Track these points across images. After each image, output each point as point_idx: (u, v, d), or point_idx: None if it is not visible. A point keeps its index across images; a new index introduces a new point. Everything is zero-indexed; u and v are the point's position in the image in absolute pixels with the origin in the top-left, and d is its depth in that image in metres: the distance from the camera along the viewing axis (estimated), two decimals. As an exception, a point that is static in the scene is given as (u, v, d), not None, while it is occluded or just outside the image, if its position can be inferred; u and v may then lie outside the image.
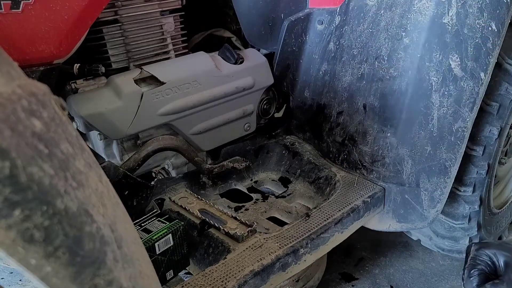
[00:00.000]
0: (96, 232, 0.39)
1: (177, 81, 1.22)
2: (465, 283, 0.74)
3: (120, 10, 1.20)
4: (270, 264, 0.96)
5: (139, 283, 0.45)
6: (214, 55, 1.35)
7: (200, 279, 0.90)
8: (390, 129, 1.19)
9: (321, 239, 1.07)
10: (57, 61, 0.97)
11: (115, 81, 1.14)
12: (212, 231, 1.06)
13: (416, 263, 1.61)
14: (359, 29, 1.25)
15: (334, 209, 1.14)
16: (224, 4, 1.58)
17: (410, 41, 1.14)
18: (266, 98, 1.50)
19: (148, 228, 1.01)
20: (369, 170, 1.26)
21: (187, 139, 1.28)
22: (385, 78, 1.19)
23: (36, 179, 0.34)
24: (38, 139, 0.35)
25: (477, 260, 0.73)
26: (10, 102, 0.33)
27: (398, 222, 1.26)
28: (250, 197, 1.35)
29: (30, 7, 0.86)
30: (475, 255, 0.74)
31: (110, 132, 1.13)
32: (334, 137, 1.34)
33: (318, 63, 1.39)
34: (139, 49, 1.28)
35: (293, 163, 1.42)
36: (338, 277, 1.56)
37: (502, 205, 1.58)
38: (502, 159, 1.52)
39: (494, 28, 1.06)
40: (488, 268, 0.73)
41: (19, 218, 0.33)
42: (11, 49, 0.86)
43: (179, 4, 1.33)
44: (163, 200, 1.21)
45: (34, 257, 0.34)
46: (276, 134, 1.52)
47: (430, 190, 1.17)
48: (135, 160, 1.13)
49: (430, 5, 1.10)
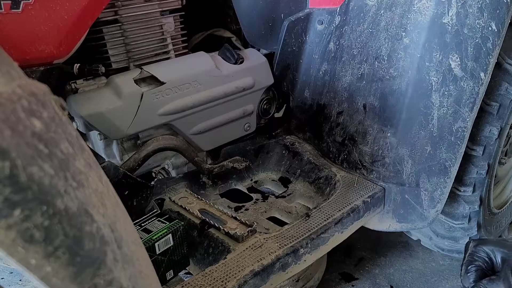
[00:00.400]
0: (96, 232, 0.39)
1: (177, 81, 1.22)
2: (462, 279, 0.75)
3: (120, 10, 1.20)
4: (270, 264, 0.96)
5: (139, 283, 0.45)
6: (214, 55, 1.35)
7: (200, 279, 0.90)
8: (390, 129, 1.19)
9: (321, 239, 1.07)
10: (57, 61, 0.97)
11: (115, 81, 1.14)
12: (212, 231, 1.06)
13: (416, 263, 1.61)
14: (359, 29, 1.25)
15: (334, 209, 1.14)
16: (224, 4, 1.58)
17: (410, 41, 1.14)
18: (266, 98, 1.50)
19: (148, 228, 1.01)
20: (369, 170, 1.26)
21: (187, 139, 1.28)
22: (385, 78, 1.19)
23: (36, 179, 0.34)
24: (38, 139, 0.35)
25: (474, 256, 0.74)
26: (10, 102, 0.33)
27: (398, 222, 1.26)
28: (250, 197, 1.35)
29: (30, 7, 0.86)
30: (473, 251, 0.75)
31: (110, 132, 1.13)
32: (334, 137, 1.34)
33: (318, 63, 1.39)
34: (139, 49, 1.28)
35: (293, 163, 1.42)
36: (338, 277, 1.56)
37: (502, 205, 1.58)
38: (502, 159, 1.52)
39: (494, 28, 1.06)
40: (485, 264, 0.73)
41: (19, 218, 0.33)
42: (11, 49, 0.86)
43: (179, 4, 1.33)
44: (163, 200, 1.21)
45: (34, 257, 0.34)
46: (276, 134, 1.52)
47: (430, 190, 1.17)
48: (135, 160, 1.13)
49: (430, 5, 1.10)
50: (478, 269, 0.73)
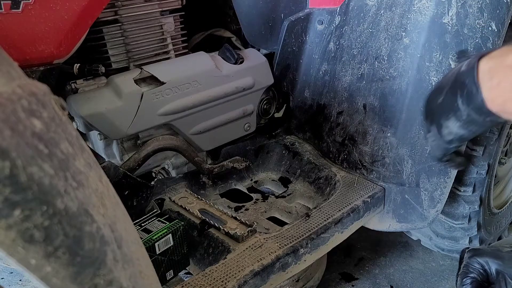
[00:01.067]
0: (96, 232, 0.39)
1: (177, 81, 1.22)
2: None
3: (120, 10, 1.20)
4: (270, 264, 0.96)
5: (139, 283, 0.45)
6: (214, 55, 1.35)
7: (200, 279, 0.90)
8: (390, 129, 1.19)
9: (321, 239, 1.07)
10: (57, 61, 0.97)
11: (115, 81, 1.14)
12: (212, 231, 1.06)
13: (416, 263, 1.61)
14: (359, 29, 1.25)
15: (334, 209, 1.14)
16: (224, 4, 1.58)
17: (410, 41, 1.14)
18: (266, 98, 1.50)
19: (148, 228, 1.01)
20: (369, 170, 1.26)
21: (187, 139, 1.28)
22: (385, 78, 1.19)
23: (36, 179, 0.34)
24: (38, 139, 0.35)
25: (469, 268, 0.74)
26: (10, 102, 0.33)
27: (398, 222, 1.26)
28: (250, 197, 1.35)
29: (30, 7, 0.86)
30: (468, 262, 0.75)
31: (110, 132, 1.13)
32: (334, 137, 1.34)
33: (318, 63, 1.39)
34: (139, 49, 1.28)
35: (293, 163, 1.42)
36: (338, 277, 1.56)
37: (502, 205, 1.58)
38: (502, 159, 1.52)
39: (494, 28, 1.06)
40: (480, 276, 0.74)
41: (19, 218, 0.33)
42: (11, 49, 0.86)
43: (179, 4, 1.33)
44: (163, 200, 1.21)
45: (34, 257, 0.34)
46: (276, 134, 1.52)
47: (430, 190, 1.17)
48: (135, 160, 1.13)
49: (430, 5, 1.10)
50: (473, 281, 0.74)
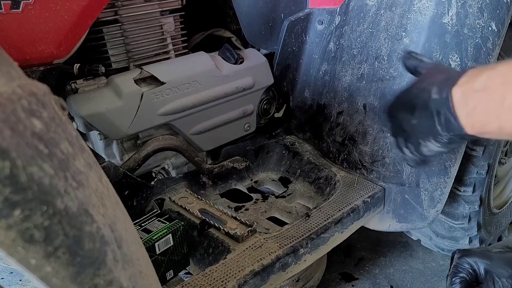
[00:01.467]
0: (96, 232, 0.39)
1: (177, 81, 1.22)
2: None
3: (120, 10, 1.20)
4: (270, 264, 0.96)
5: (139, 283, 0.45)
6: (214, 55, 1.35)
7: (200, 279, 0.90)
8: (390, 129, 1.19)
9: (321, 239, 1.07)
10: (57, 61, 0.97)
11: (115, 81, 1.14)
12: (212, 231, 1.06)
13: (416, 263, 1.61)
14: (359, 29, 1.25)
15: (334, 209, 1.14)
16: (224, 4, 1.58)
17: (410, 41, 1.14)
18: (266, 98, 1.50)
19: (148, 228, 1.01)
20: (369, 170, 1.26)
21: (187, 139, 1.28)
22: (385, 78, 1.19)
23: (36, 179, 0.34)
24: (38, 139, 0.35)
25: (459, 268, 0.75)
26: (10, 102, 0.33)
27: (398, 222, 1.26)
28: (250, 197, 1.35)
29: (30, 7, 0.86)
30: (457, 263, 0.76)
31: (110, 132, 1.13)
32: (334, 137, 1.34)
33: (318, 63, 1.39)
34: (139, 49, 1.28)
35: (293, 163, 1.42)
36: (338, 277, 1.56)
37: (502, 205, 1.58)
38: (502, 159, 1.52)
39: (494, 28, 1.06)
40: (469, 276, 0.74)
41: (19, 218, 0.33)
42: (11, 49, 0.86)
43: (179, 4, 1.33)
44: (163, 200, 1.21)
45: (34, 257, 0.34)
46: (276, 134, 1.52)
47: (430, 190, 1.17)
48: (135, 160, 1.13)
49: (430, 5, 1.10)
50: (462, 280, 0.74)
